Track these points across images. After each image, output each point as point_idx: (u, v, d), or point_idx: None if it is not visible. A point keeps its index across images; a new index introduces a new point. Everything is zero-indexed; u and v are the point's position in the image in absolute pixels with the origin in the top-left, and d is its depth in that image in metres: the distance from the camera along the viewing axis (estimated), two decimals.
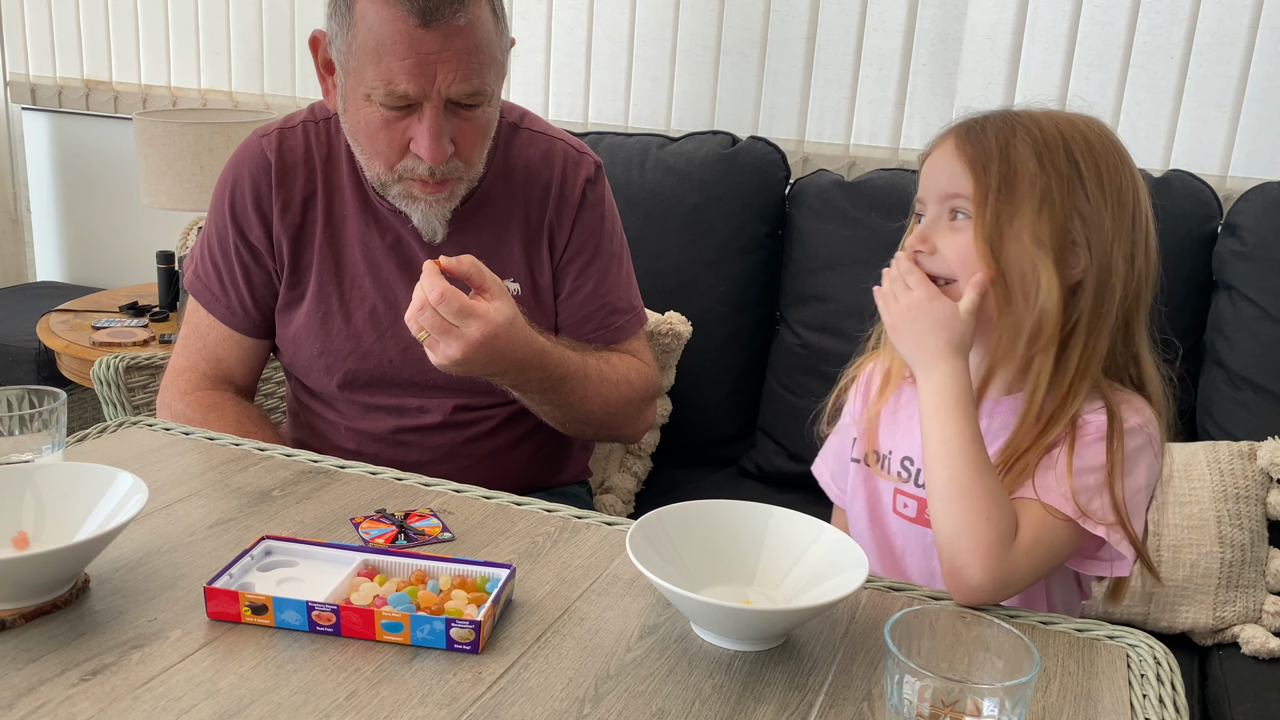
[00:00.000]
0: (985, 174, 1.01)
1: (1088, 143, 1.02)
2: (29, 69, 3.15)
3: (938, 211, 1.05)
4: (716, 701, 0.78)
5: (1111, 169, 1.02)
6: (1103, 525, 0.97)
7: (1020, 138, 1.01)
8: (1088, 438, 1.00)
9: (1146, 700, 0.82)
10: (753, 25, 2.30)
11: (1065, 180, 1.00)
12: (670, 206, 1.99)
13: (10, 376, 2.66)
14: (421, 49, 1.19)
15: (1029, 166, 1.00)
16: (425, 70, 1.19)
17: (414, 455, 1.39)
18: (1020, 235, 1.00)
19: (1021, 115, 1.04)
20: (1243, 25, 1.96)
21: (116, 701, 0.74)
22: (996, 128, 1.03)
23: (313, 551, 0.92)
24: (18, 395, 1.01)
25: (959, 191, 1.02)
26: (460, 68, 1.20)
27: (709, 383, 1.98)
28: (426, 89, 1.20)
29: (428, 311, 1.14)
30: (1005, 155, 1.01)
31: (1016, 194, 1.00)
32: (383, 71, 1.20)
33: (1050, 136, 1.01)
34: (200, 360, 1.43)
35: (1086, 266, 1.01)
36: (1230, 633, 1.55)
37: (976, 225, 1.01)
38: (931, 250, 1.04)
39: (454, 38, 1.19)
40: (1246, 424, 1.68)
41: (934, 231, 1.04)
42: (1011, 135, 1.01)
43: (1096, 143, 1.02)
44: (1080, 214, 1.00)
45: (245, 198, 1.38)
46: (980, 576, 0.93)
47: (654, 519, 0.91)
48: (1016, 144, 1.01)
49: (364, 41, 1.21)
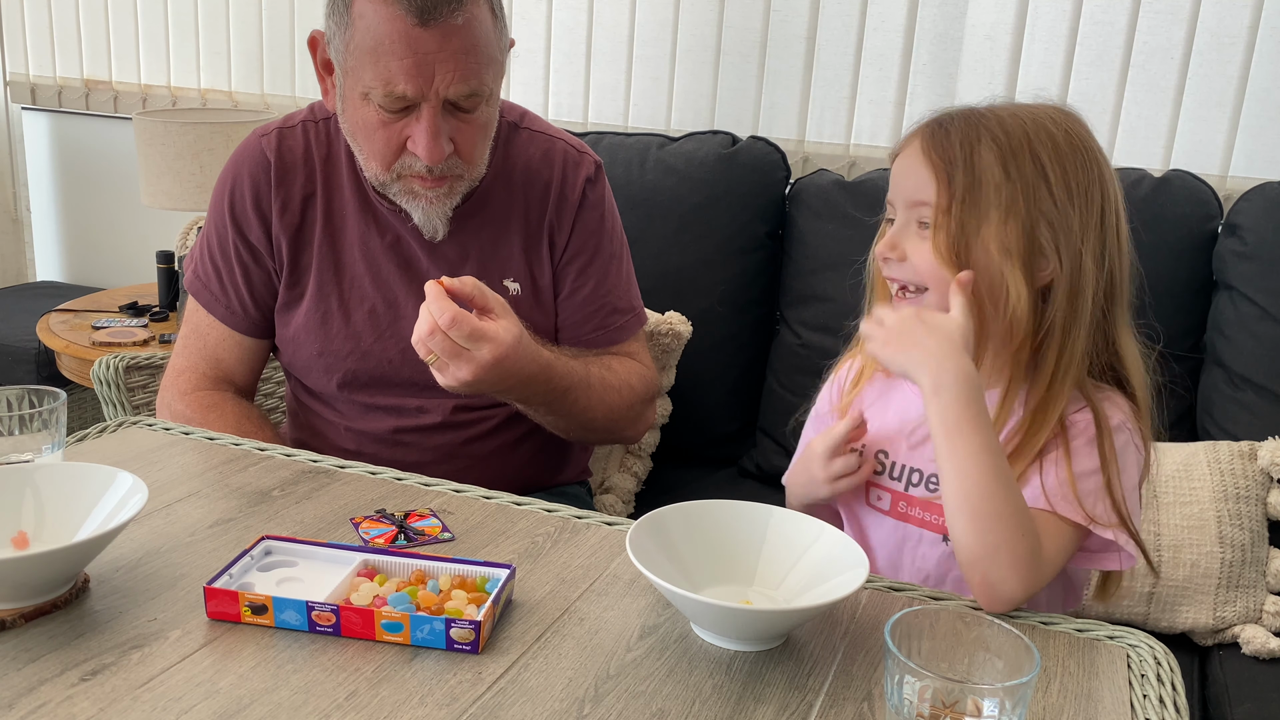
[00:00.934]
0: (950, 183, 1.00)
1: (1054, 142, 1.00)
2: (29, 69, 3.15)
3: (906, 218, 1.04)
4: (716, 701, 0.78)
5: (1079, 168, 1.00)
6: (1110, 528, 0.98)
7: (985, 143, 1.00)
8: (1078, 440, 1.01)
9: (1147, 700, 0.82)
10: (753, 25, 2.30)
11: (1031, 186, 0.99)
12: (670, 206, 1.99)
13: (10, 376, 2.66)
14: (419, 48, 1.19)
15: (994, 174, 0.99)
16: (423, 70, 1.19)
17: (414, 456, 1.39)
18: (987, 245, 0.99)
19: (987, 116, 1.02)
20: (1243, 25, 1.96)
21: (116, 701, 0.74)
22: (961, 131, 1.01)
23: (313, 551, 0.92)
24: (18, 395, 1.01)
25: (924, 200, 1.02)
26: (458, 68, 1.20)
27: (709, 383, 1.98)
28: (424, 89, 1.20)
29: (438, 336, 1.13)
30: (970, 163, 1.00)
31: (981, 203, 0.99)
32: (381, 71, 1.20)
33: (1016, 139, 1.00)
34: (200, 360, 1.43)
35: (1056, 270, 1.00)
36: (1230, 633, 1.55)
37: (941, 235, 1.00)
38: (901, 257, 1.04)
39: (452, 37, 1.19)
40: (1246, 424, 1.68)
41: (903, 238, 1.04)
42: (976, 140, 1.00)
43: (1064, 141, 1.01)
44: (1047, 219, 0.99)
45: (245, 197, 1.38)
46: (1016, 589, 0.92)
47: (654, 519, 0.91)
48: (981, 150, 1.00)
49: (362, 41, 1.21)
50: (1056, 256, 0.99)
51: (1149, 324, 1.09)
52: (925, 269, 1.02)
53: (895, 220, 1.06)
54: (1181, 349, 1.79)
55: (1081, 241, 1.00)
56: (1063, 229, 0.99)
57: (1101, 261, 1.01)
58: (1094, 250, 1.00)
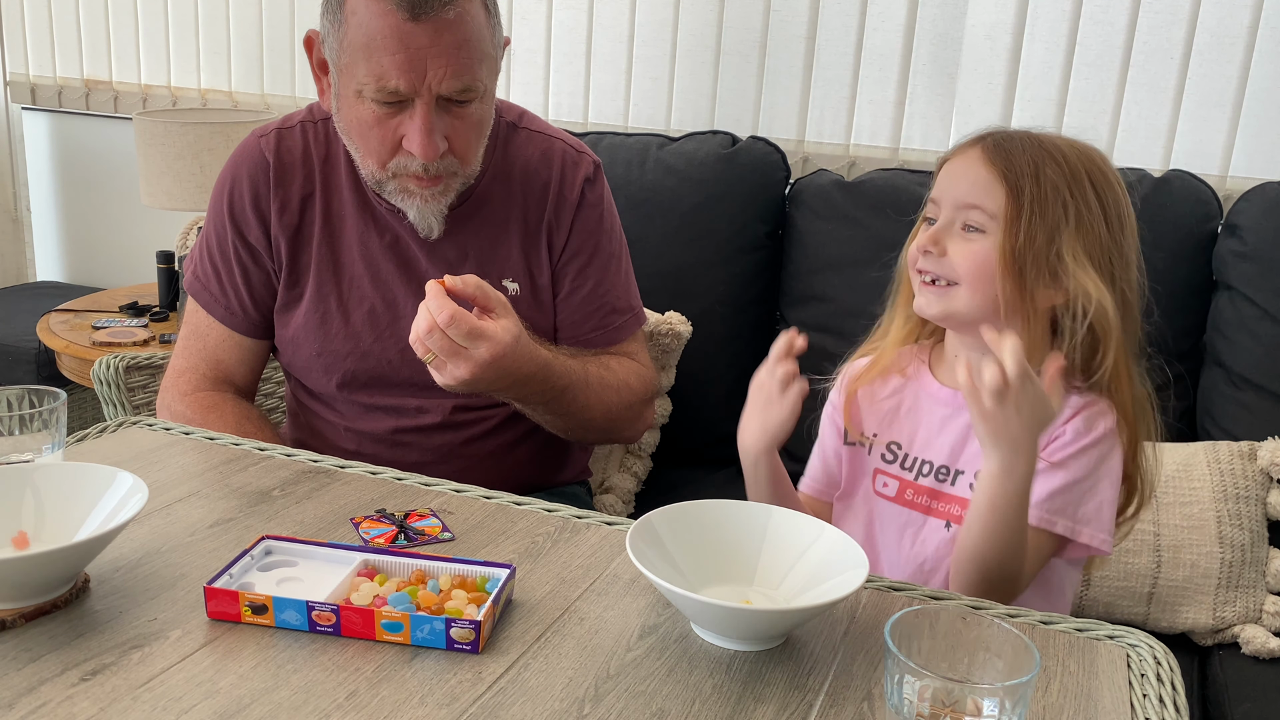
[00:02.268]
0: (1020, 192, 1.04)
1: (1104, 175, 1.07)
2: (29, 69, 3.15)
3: (952, 217, 1.07)
4: (716, 701, 0.78)
5: (1118, 199, 1.07)
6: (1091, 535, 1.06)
7: (1049, 163, 1.05)
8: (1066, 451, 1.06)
9: (1146, 700, 0.82)
10: (753, 25, 2.30)
11: (1091, 209, 1.04)
12: (670, 206, 1.98)
13: (10, 376, 2.66)
14: (411, 43, 1.19)
15: (1061, 192, 1.04)
16: (415, 65, 1.19)
17: (413, 456, 1.39)
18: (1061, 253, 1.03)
19: (1046, 140, 1.07)
20: (1243, 25, 1.96)
21: (116, 701, 0.74)
22: (1027, 148, 1.06)
23: (313, 551, 0.92)
24: (18, 395, 1.01)
25: (980, 204, 1.05)
26: (450, 63, 1.20)
27: (709, 383, 1.98)
28: (417, 85, 1.20)
29: (436, 334, 1.13)
30: (1038, 177, 1.04)
31: (1050, 216, 1.03)
32: (373, 67, 1.20)
33: (1073, 165, 1.05)
34: (200, 361, 1.43)
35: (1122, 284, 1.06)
36: (1230, 633, 1.55)
37: (1005, 241, 1.04)
38: (942, 252, 1.07)
39: (444, 32, 1.19)
40: (1246, 424, 1.68)
41: (945, 235, 1.07)
42: (1042, 160, 1.05)
43: (1110, 174, 1.07)
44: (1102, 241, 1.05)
45: (243, 198, 1.38)
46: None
47: (654, 519, 0.91)
48: (1047, 169, 1.04)
49: (354, 38, 1.21)
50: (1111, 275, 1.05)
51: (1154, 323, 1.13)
52: (966, 268, 1.06)
53: (939, 219, 1.09)
54: (1181, 349, 1.79)
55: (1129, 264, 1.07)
56: (1117, 251, 1.06)
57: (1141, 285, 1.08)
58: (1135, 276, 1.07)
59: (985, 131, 1.10)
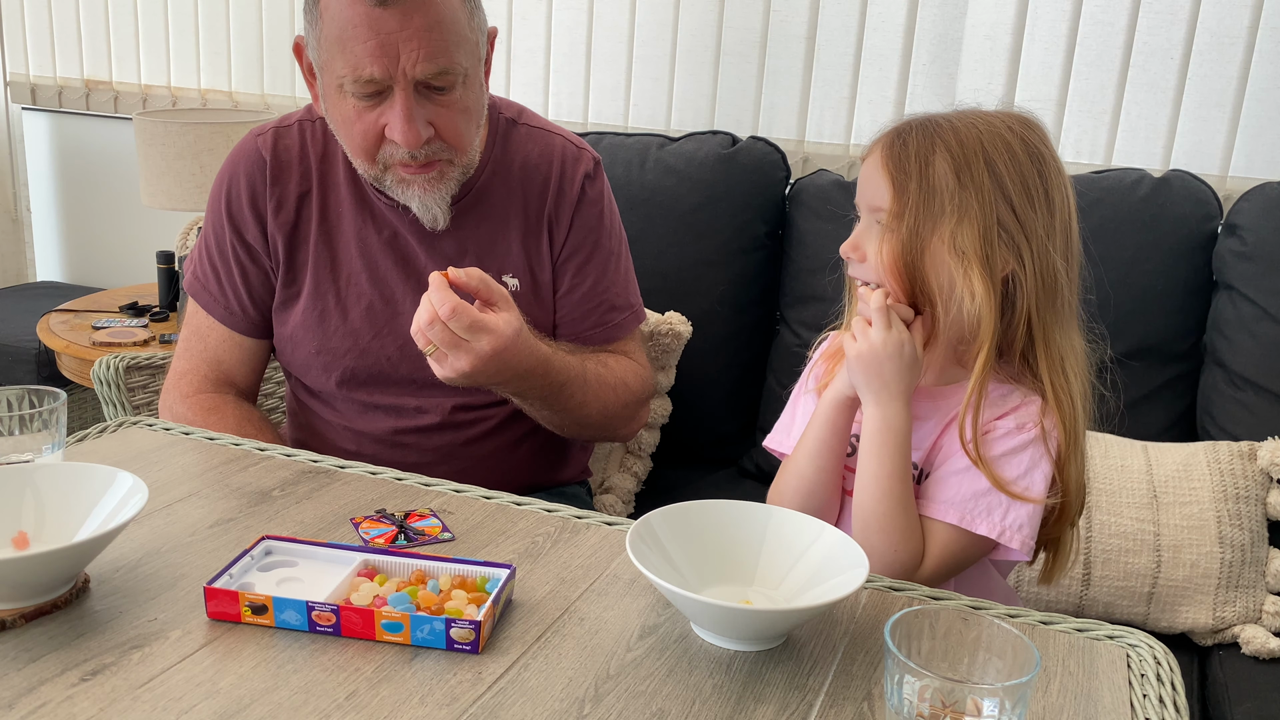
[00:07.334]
0: (903, 192, 1.04)
1: (1010, 149, 1.04)
2: (29, 69, 3.15)
3: (867, 220, 1.09)
4: (716, 701, 0.78)
5: (1036, 174, 1.04)
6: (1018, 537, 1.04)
7: (939, 153, 1.04)
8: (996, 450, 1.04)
9: (1146, 700, 0.82)
10: (753, 25, 2.30)
11: (986, 191, 1.03)
12: (670, 206, 1.98)
13: (10, 376, 2.66)
14: (381, 29, 1.18)
15: (947, 182, 1.03)
16: (387, 50, 1.19)
17: (413, 457, 1.39)
18: (939, 249, 1.03)
19: (943, 126, 1.06)
20: (1243, 25, 1.96)
21: (116, 701, 0.74)
22: (918, 142, 1.05)
23: (313, 551, 0.92)
24: (18, 395, 1.01)
25: (881, 205, 1.06)
26: (423, 46, 1.20)
27: (709, 383, 1.98)
28: (391, 70, 1.20)
29: (437, 326, 1.13)
30: (924, 174, 1.04)
31: (934, 211, 1.03)
32: (349, 58, 1.20)
33: (970, 147, 1.03)
34: (201, 363, 1.43)
35: (1017, 269, 1.03)
36: (1230, 633, 1.55)
37: (893, 241, 1.05)
38: (861, 257, 1.09)
39: (413, 14, 1.19)
40: (1246, 424, 1.68)
41: (865, 239, 1.09)
42: (931, 151, 1.04)
43: (1020, 148, 1.04)
44: (1003, 222, 1.03)
45: (241, 197, 1.38)
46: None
47: (654, 519, 0.91)
48: (935, 160, 1.04)
49: (329, 32, 1.21)
50: (1018, 257, 1.03)
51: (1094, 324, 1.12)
52: (880, 269, 1.07)
53: (860, 222, 1.11)
54: (1181, 349, 1.79)
55: (1048, 241, 1.04)
56: (1028, 230, 1.03)
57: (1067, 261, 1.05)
58: (1060, 249, 1.05)
59: (895, 124, 1.09)
